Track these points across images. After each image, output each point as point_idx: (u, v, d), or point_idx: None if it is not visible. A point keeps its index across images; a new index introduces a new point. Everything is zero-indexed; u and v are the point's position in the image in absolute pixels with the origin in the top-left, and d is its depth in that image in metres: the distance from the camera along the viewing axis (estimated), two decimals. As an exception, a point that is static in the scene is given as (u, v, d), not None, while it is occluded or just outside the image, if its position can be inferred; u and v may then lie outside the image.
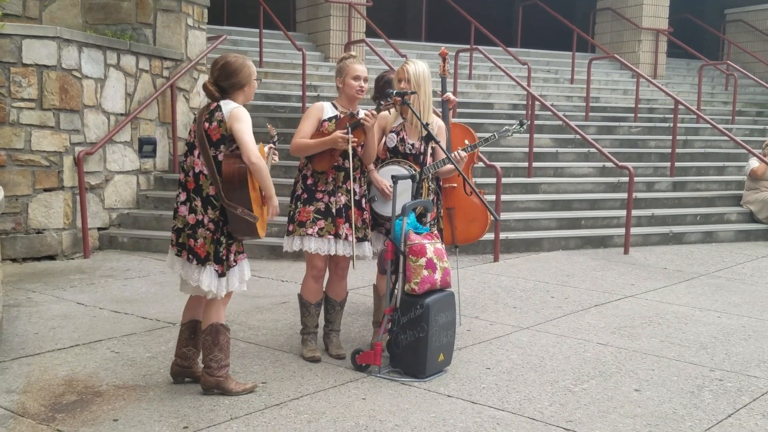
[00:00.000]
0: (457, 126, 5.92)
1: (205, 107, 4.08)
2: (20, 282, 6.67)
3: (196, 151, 4.00)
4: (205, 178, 3.97)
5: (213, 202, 3.97)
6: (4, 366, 4.52)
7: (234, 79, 4.02)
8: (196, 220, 3.99)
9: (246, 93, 4.10)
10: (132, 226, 8.50)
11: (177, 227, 4.07)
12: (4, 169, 7.42)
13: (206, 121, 3.99)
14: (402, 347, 4.43)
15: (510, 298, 6.45)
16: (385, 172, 4.80)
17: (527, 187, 9.76)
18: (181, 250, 4.05)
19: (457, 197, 5.63)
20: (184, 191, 4.06)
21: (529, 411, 4.02)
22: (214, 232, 3.98)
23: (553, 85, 14.67)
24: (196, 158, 3.99)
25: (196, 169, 4.00)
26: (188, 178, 4.03)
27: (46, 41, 7.47)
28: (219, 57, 4.09)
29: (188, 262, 4.02)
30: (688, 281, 7.29)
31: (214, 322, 4.08)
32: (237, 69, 4.02)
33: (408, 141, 4.86)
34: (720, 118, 13.66)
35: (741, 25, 18.08)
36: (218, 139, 3.95)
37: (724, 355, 5.05)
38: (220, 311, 4.11)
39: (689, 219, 10.00)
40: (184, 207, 4.04)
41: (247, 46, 12.92)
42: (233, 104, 4.00)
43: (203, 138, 3.96)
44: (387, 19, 16.82)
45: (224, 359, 4.11)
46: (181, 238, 4.05)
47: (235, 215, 3.92)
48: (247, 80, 4.06)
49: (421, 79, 4.78)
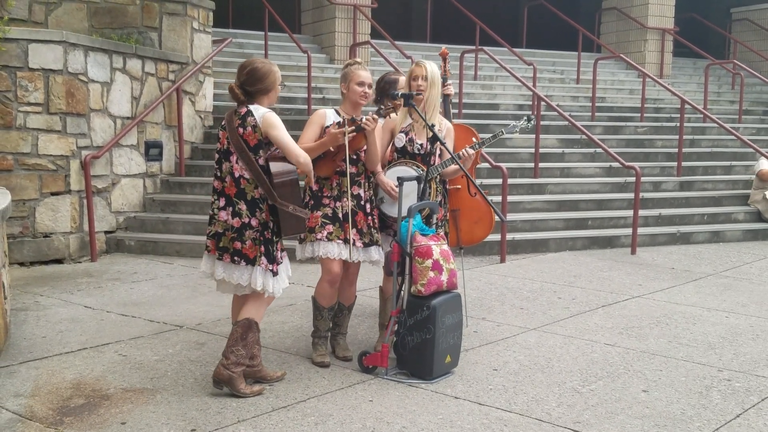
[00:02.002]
0: (459, 127, 5.87)
1: (232, 112, 4.16)
2: (28, 286, 6.69)
3: (232, 156, 4.09)
4: (247, 182, 4.08)
5: (260, 205, 4.08)
6: (12, 370, 4.53)
7: (261, 84, 4.12)
8: (241, 223, 4.08)
9: (270, 98, 4.20)
10: (139, 229, 8.51)
11: (215, 232, 4.15)
12: (11, 174, 7.45)
13: (240, 126, 4.08)
14: (409, 349, 4.43)
15: (517, 299, 6.44)
16: (392, 173, 4.79)
17: (533, 188, 9.74)
18: (222, 253, 4.12)
19: (461, 199, 5.62)
20: (222, 197, 4.13)
21: (536, 412, 4.01)
22: (263, 232, 4.08)
23: (559, 85, 14.64)
24: (235, 163, 4.08)
25: (236, 174, 4.08)
26: (225, 183, 4.12)
27: (52, 45, 7.49)
28: (246, 61, 4.20)
29: (234, 264, 4.10)
30: (696, 281, 7.27)
31: (250, 318, 4.15)
32: (264, 74, 4.13)
33: (416, 141, 4.86)
34: (727, 117, 13.60)
35: (747, 23, 18.02)
36: (256, 144, 4.07)
37: (732, 355, 5.04)
38: (260, 309, 4.20)
39: (696, 219, 9.97)
40: (225, 212, 4.11)
41: (252, 49, 12.94)
42: (263, 109, 4.11)
43: (240, 143, 4.06)
44: (392, 20, 16.84)
45: (244, 357, 4.13)
46: (221, 242, 4.12)
47: (286, 213, 4.05)
48: (273, 86, 4.17)
49: (436, 78, 4.81)
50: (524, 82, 10.99)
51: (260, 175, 4.05)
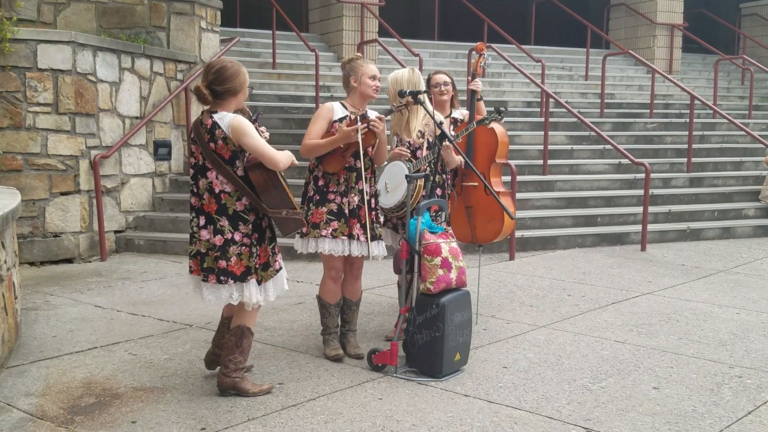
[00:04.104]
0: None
1: (198, 123, 3.96)
2: (38, 285, 6.72)
3: (210, 172, 3.91)
4: (228, 196, 3.91)
5: (243, 217, 3.93)
6: (23, 369, 4.55)
7: (230, 84, 3.91)
8: (224, 240, 3.91)
9: (239, 99, 4.00)
10: (148, 228, 8.54)
11: (197, 251, 4.00)
12: (20, 174, 7.48)
13: (210, 141, 3.88)
14: (418, 347, 4.42)
15: (526, 296, 6.42)
16: (389, 167, 5.03)
17: (542, 185, 9.72)
18: (207, 274, 3.97)
19: (476, 196, 5.59)
20: (201, 215, 3.96)
21: (546, 410, 4.00)
22: (250, 246, 3.94)
23: (568, 81, 14.59)
24: (214, 179, 3.90)
25: (216, 189, 3.90)
26: (204, 200, 3.94)
27: (61, 46, 7.52)
28: (214, 61, 4.01)
29: (220, 284, 3.94)
30: (706, 278, 7.24)
31: (242, 324, 4.10)
32: (233, 74, 3.92)
33: (405, 139, 5.11)
34: (736, 112, 13.54)
35: (756, 19, 17.93)
36: (231, 156, 3.89)
37: (743, 351, 5.01)
38: (253, 314, 4.14)
39: (707, 215, 9.92)
40: (206, 231, 3.94)
41: (260, 48, 12.95)
42: (229, 116, 3.90)
43: (215, 158, 3.88)
44: (399, 18, 16.82)
45: (242, 362, 4.12)
46: (206, 263, 3.96)
47: (280, 219, 3.93)
48: (242, 87, 3.98)
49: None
50: (533, 79, 10.96)
51: (243, 188, 3.89)
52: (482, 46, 5.71)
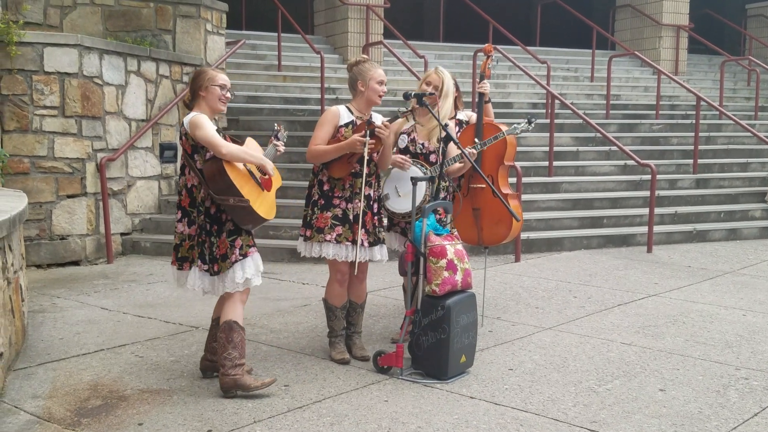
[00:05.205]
0: (489, 124, 5.84)
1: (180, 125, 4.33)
2: (45, 288, 6.74)
3: (186, 168, 4.21)
4: (197, 190, 4.17)
5: (199, 208, 4.16)
6: (29, 371, 4.56)
7: (194, 84, 4.22)
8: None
9: (207, 100, 4.20)
10: (154, 231, 8.56)
11: (175, 244, 4.31)
12: (27, 177, 7.51)
13: (181, 139, 4.21)
14: (424, 349, 4.43)
15: (532, 298, 6.42)
16: (397, 171, 4.98)
17: (548, 187, 9.71)
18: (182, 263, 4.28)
19: (484, 198, 5.57)
20: (179, 209, 4.25)
21: (552, 412, 4.00)
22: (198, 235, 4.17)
23: (573, 83, 14.58)
24: (188, 174, 4.19)
25: (188, 184, 4.20)
26: (181, 196, 4.23)
27: (67, 49, 7.55)
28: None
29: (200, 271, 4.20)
30: (713, 279, 7.22)
31: (228, 319, 4.15)
32: (195, 77, 4.22)
33: (418, 141, 5.03)
34: (743, 113, 13.51)
35: (762, 20, 17.88)
36: (192, 151, 4.14)
37: (749, 353, 5.00)
38: (236, 309, 4.18)
39: (713, 216, 9.89)
40: (181, 224, 4.24)
41: (265, 50, 12.98)
42: (191, 114, 4.16)
43: (185, 154, 4.18)
44: (404, 20, 16.84)
45: (238, 358, 4.13)
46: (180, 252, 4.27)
47: (229, 206, 4.05)
48: (202, 85, 4.17)
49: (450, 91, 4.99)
50: (538, 80, 10.96)
51: (202, 179, 4.12)
52: (490, 48, 5.73)
